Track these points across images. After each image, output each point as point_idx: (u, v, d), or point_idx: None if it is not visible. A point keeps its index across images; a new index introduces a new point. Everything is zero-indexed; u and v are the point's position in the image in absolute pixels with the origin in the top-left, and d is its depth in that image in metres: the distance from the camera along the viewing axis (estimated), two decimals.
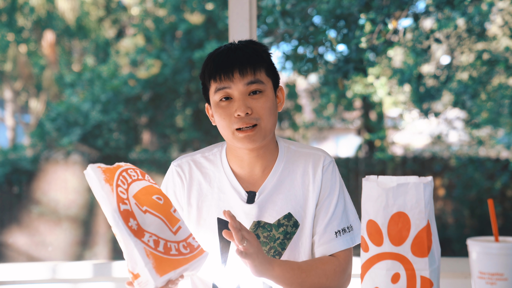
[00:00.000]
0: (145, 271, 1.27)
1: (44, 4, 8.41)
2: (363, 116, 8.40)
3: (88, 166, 1.33)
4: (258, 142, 1.54)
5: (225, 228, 1.59)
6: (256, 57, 1.54)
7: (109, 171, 1.33)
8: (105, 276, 2.72)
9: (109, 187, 1.31)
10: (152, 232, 1.32)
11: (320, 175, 1.60)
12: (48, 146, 7.60)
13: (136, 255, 1.27)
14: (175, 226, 1.37)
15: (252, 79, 1.52)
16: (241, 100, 1.51)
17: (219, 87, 1.53)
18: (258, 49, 1.57)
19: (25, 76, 8.76)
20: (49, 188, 6.95)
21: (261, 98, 1.53)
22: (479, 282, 1.33)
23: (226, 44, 1.59)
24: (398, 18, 4.15)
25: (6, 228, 6.77)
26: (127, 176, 1.36)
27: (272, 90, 1.58)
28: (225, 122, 1.53)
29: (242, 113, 1.50)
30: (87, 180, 1.33)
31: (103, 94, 7.57)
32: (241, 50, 1.54)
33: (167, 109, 7.88)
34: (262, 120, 1.53)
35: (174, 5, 7.86)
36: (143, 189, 1.38)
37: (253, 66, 1.53)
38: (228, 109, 1.53)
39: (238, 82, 1.52)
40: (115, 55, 8.48)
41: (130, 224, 1.30)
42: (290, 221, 1.58)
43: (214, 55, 1.56)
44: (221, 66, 1.52)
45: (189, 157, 1.67)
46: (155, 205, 1.37)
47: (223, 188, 1.61)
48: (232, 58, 1.52)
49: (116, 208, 1.29)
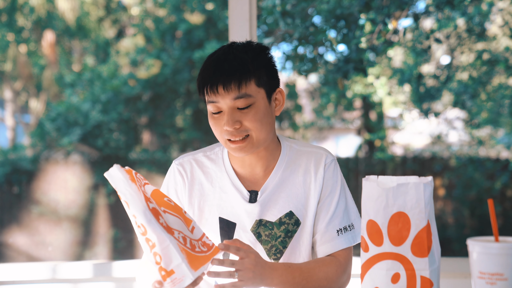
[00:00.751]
0: (182, 266, 1.27)
1: (44, 4, 8.40)
2: (363, 116, 8.40)
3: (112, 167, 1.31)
4: (250, 151, 1.53)
5: (227, 227, 1.59)
6: (242, 70, 1.47)
7: (128, 172, 1.33)
8: (105, 276, 2.72)
9: (135, 186, 1.30)
10: (179, 230, 1.33)
11: (322, 173, 1.60)
12: (48, 146, 7.60)
13: (171, 251, 1.27)
14: (190, 226, 1.39)
15: (237, 95, 1.48)
16: (229, 114, 1.49)
17: (209, 100, 1.51)
18: (248, 57, 1.50)
19: (25, 76, 8.76)
20: (49, 188, 6.95)
21: (250, 111, 1.50)
22: (479, 282, 1.33)
23: (223, 46, 1.56)
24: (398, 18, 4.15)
25: (6, 228, 6.77)
26: (140, 178, 1.36)
27: (265, 99, 1.53)
28: (217, 132, 1.53)
29: (230, 128, 1.49)
30: (111, 182, 1.30)
31: (103, 94, 7.57)
32: (228, 62, 1.48)
33: (167, 109, 7.87)
34: (253, 131, 1.51)
35: (174, 5, 7.86)
36: (154, 191, 1.38)
37: (238, 80, 1.47)
38: (219, 120, 1.52)
39: (225, 96, 1.48)
40: (115, 55, 8.48)
41: (161, 221, 1.30)
42: (292, 219, 1.58)
43: (206, 64, 1.52)
44: (207, 81, 1.49)
45: (190, 156, 1.67)
46: (169, 206, 1.38)
47: (225, 187, 1.61)
48: (217, 72, 1.47)
49: (146, 206, 1.29)
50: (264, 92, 1.52)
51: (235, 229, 1.59)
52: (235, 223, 1.59)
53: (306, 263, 1.54)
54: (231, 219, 1.59)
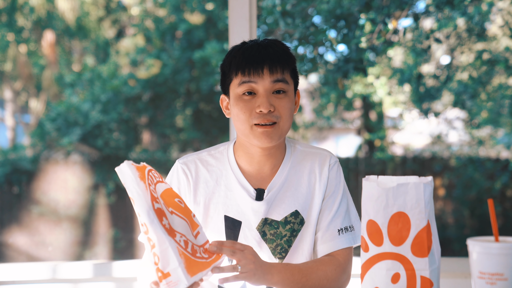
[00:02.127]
0: (178, 271, 1.26)
1: (44, 4, 8.40)
2: (363, 116, 8.40)
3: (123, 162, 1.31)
4: (274, 140, 1.55)
5: (232, 226, 1.60)
6: (285, 57, 1.56)
7: (140, 170, 1.32)
8: (105, 276, 2.72)
9: (143, 184, 1.30)
10: (182, 233, 1.33)
11: (327, 173, 1.62)
12: (48, 146, 7.60)
13: (170, 254, 1.27)
14: (195, 230, 1.39)
15: (279, 77, 1.53)
16: (265, 96, 1.52)
17: (244, 80, 1.53)
18: (287, 49, 1.58)
19: (25, 76, 8.76)
20: (49, 188, 6.95)
21: (284, 98, 1.54)
22: (479, 282, 1.33)
23: (252, 40, 1.60)
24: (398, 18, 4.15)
25: (6, 228, 6.77)
26: (152, 176, 1.36)
27: (293, 92, 1.59)
28: (245, 116, 1.53)
29: (265, 110, 1.51)
30: (120, 177, 1.31)
31: (103, 94, 7.57)
32: (272, 48, 1.55)
33: (167, 109, 7.87)
34: (282, 119, 1.54)
35: (174, 5, 7.86)
36: (165, 191, 1.38)
37: (282, 65, 1.54)
38: (250, 103, 1.53)
39: (266, 78, 1.52)
40: (115, 55, 8.48)
41: (164, 222, 1.30)
42: (297, 218, 1.59)
43: (243, 49, 1.56)
44: (251, 60, 1.52)
45: (195, 156, 1.67)
46: (178, 208, 1.37)
47: (230, 185, 1.61)
48: (263, 54, 1.53)
49: (151, 205, 1.29)
50: (293, 86, 1.59)
51: (241, 228, 1.59)
52: (240, 221, 1.59)
53: (305, 263, 1.55)
54: (236, 218, 1.60)
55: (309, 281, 1.50)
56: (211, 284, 1.63)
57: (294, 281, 1.48)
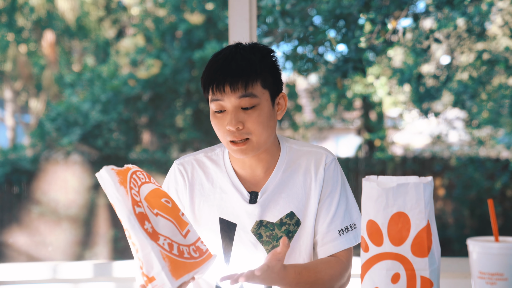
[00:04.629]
0: (161, 275, 1.26)
1: (44, 4, 8.40)
2: (363, 116, 8.40)
3: (102, 168, 1.31)
4: (250, 154, 1.53)
5: (227, 228, 1.59)
6: (249, 70, 1.49)
7: (121, 173, 1.32)
8: (106, 276, 2.72)
9: (123, 189, 1.29)
10: (166, 235, 1.32)
11: (322, 173, 1.60)
12: (48, 146, 7.60)
13: (152, 258, 1.26)
14: (185, 229, 1.37)
15: (243, 93, 1.48)
16: (233, 113, 1.49)
17: (213, 98, 1.51)
18: (255, 58, 1.51)
19: (25, 76, 8.76)
20: (49, 188, 6.95)
21: (254, 112, 1.50)
22: (479, 282, 1.33)
23: (230, 46, 1.56)
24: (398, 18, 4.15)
25: (6, 228, 6.77)
26: (137, 178, 1.35)
27: (269, 101, 1.53)
28: (220, 132, 1.53)
29: (233, 128, 1.49)
30: (101, 183, 1.31)
31: (103, 94, 7.57)
32: (236, 62, 1.49)
33: (167, 109, 7.88)
34: (254, 135, 1.51)
35: (174, 5, 7.86)
36: (152, 191, 1.37)
37: (245, 80, 1.48)
38: (222, 120, 1.52)
39: (230, 95, 1.48)
40: (115, 55, 8.48)
41: (146, 227, 1.29)
42: (292, 219, 1.59)
43: (212, 62, 1.53)
44: (214, 79, 1.49)
45: (192, 157, 1.67)
46: (165, 208, 1.36)
47: (225, 188, 1.61)
48: (225, 71, 1.48)
49: (131, 210, 1.28)
50: (268, 95, 1.53)
51: (236, 230, 1.59)
52: (235, 223, 1.59)
53: (312, 263, 1.54)
54: (231, 220, 1.59)
55: (317, 282, 1.50)
56: (209, 284, 1.63)
57: (304, 281, 1.48)
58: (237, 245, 1.58)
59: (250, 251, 1.58)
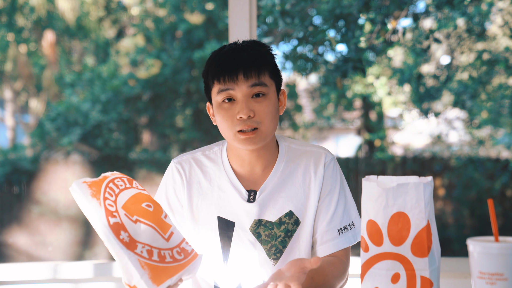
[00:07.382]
0: (141, 283, 1.25)
1: (44, 4, 8.40)
2: (363, 116, 8.40)
3: (73, 183, 1.30)
4: (258, 144, 1.54)
5: (226, 227, 1.59)
6: (261, 60, 1.53)
7: (95, 185, 1.31)
8: (106, 276, 2.72)
9: (96, 201, 1.29)
10: (145, 242, 1.30)
11: (322, 172, 1.61)
12: (48, 146, 7.60)
13: (130, 268, 1.26)
14: (167, 232, 1.35)
15: (256, 82, 1.51)
16: (244, 102, 1.51)
17: (222, 88, 1.52)
18: (263, 50, 1.56)
19: (25, 76, 8.76)
20: (49, 188, 6.95)
21: (264, 101, 1.53)
22: (479, 282, 1.33)
23: (230, 43, 1.58)
24: (398, 18, 4.15)
25: (6, 228, 6.77)
26: (113, 186, 1.34)
27: (275, 93, 1.57)
28: (227, 123, 1.53)
29: (245, 116, 1.50)
30: (74, 197, 1.30)
31: (103, 94, 7.57)
32: (246, 52, 1.53)
33: (167, 109, 7.87)
34: (263, 124, 1.52)
35: (174, 5, 7.86)
36: (132, 197, 1.35)
37: (258, 69, 1.52)
38: (230, 110, 1.52)
39: (242, 84, 1.51)
40: (115, 55, 8.48)
41: (122, 237, 1.28)
42: (291, 219, 1.59)
43: (218, 55, 1.55)
44: (225, 68, 1.51)
45: (189, 155, 1.67)
46: (145, 213, 1.34)
47: (223, 186, 1.61)
48: (237, 60, 1.51)
49: (105, 222, 1.27)
50: (274, 87, 1.57)
51: (234, 229, 1.59)
52: (233, 222, 1.59)
53: (320, 266, 1.53)
54: (229, 219, 1.59)
55: (326, 283, 1.51)
56: (207, 283, 1.63)
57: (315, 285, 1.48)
58: (235, 244, 1.58)
59: (248, 250, 1.58)
